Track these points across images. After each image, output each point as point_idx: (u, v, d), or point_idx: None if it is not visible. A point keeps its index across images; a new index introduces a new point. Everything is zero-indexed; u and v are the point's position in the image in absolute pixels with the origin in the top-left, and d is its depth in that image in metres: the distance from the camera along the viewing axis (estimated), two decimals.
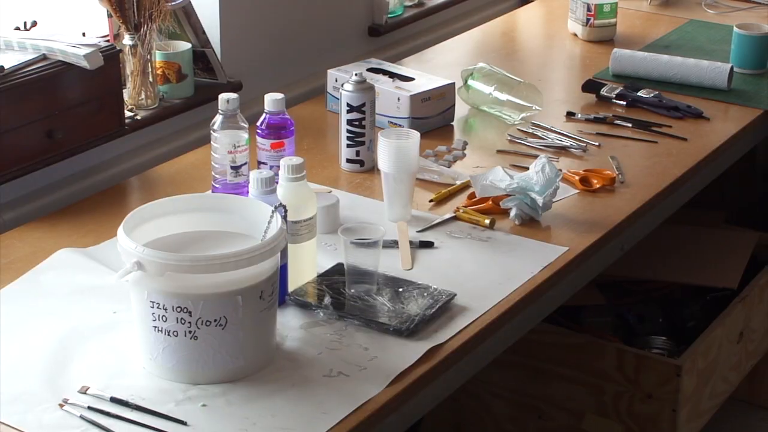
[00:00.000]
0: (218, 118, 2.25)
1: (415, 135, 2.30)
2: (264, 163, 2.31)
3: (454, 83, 2.79)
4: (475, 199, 2.37)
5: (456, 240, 2.23)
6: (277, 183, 2.01)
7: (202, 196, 2.03)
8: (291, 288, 2.02)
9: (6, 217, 2.34)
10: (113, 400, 1.74)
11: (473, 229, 2.28)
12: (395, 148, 2.27)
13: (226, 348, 1.78)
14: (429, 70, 2.94)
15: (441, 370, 1.90)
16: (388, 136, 2.29)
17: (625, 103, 2.87)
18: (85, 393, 1.75)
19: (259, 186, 1.94)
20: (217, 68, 2.73)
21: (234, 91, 2.35)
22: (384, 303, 2.00)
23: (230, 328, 1.77)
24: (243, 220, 1.90)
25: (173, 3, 2.61)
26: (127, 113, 2.54)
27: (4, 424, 1.72)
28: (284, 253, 1.98)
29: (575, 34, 3.36)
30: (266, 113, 2.31)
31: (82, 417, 1.72)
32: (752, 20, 3.30)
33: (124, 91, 2.54)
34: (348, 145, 2.51)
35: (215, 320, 1.76)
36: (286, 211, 1.88)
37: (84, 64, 2.32)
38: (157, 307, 1.76)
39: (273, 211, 1.85)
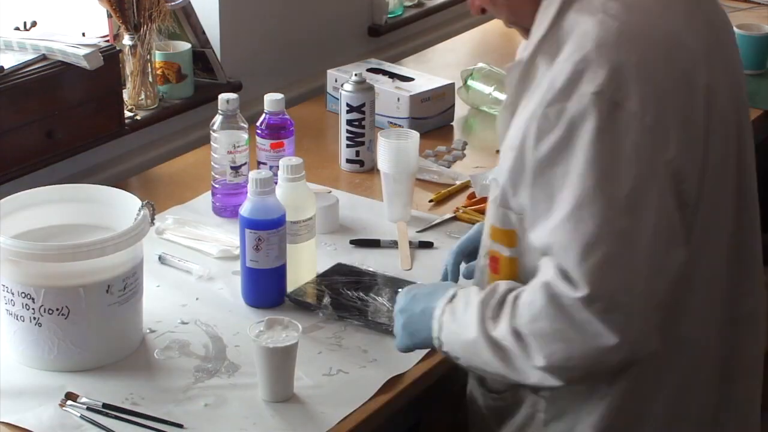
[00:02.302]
0: (218, 118, 2.26)
1: (415, 135, 2.30)
2: (264, 163, 2.31)
3: (453, 83, 2.79)
4: (475, 199, 2.37)
5: (456, 240, 2.23)
6: (276, 183, 2.01)
7: (92, 188, 2.04)
8: (290, 288, 2.02)
9: None
10: (105, 406, 1.74)
11: None
12: (395, 149, 2.27)
13: (70, 338, 1.81)
14: (429, 70, 2.94)
15: (440, 370, 1.90)
16: (387, 136, 2.29)
17: None
18: (75, 401, 1.76)
19: (257, 186, 1.94)
20: (217, 68, 2.73)
21: (234, 91, 2.35)
22: (383, 303, 2.00)
23: (73, 319, 1.80)
24: (124, 216, 1.90)
25: (173, 3, 2.61)
26: (127, 113, 2.54)
27: (4, 423, 1.72)
28: (283, 253, 1.98)
29: None
30: (266, 113, 2.31)
31: (82, 417, 1.72)
32: (752, 20, 3.30)
33: (124, 91, 2.54)
34: (348, 146, 2.51)
35: (57, 309, 1.79)
36: (154, 208, 1.88)
37: (84, 64, 2.32)
38: (7, 291, 1.81)
39: (140, 208, 1.85)
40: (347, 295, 2.02)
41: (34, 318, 1.80)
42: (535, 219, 1.56)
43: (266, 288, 2.00)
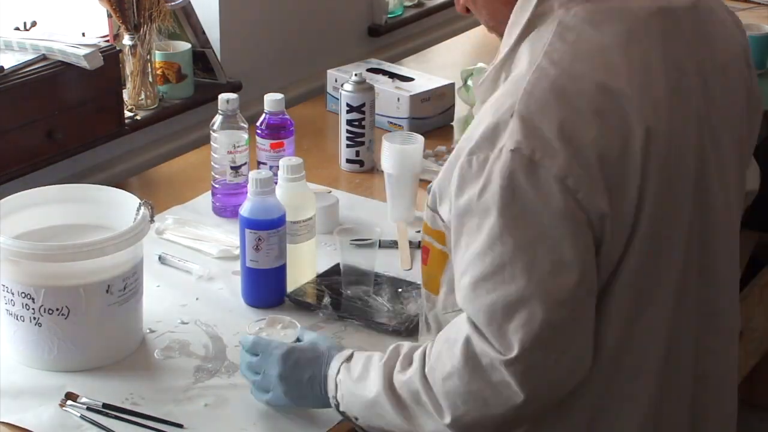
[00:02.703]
0: (218, 118, 2.26)
1: (420, 139, 2.31)
2: (264, 164, 2.31)
3: (453, 83, 2.79)
4: None
5: None
6: (276, 183, 2.01)
7: (92, 188, 2.04)
8: (290, 288, 2.02)
9: None
10: (105, 406, 1.74)
11: None
12: (400, 152, 2.27)
13: (71, 338, 1.81)
14: (429, 70, 2.94)
15: None
16: (392, 140, 2.29)
17: None
18: (75, 401, 1.76)
19: (257, 186, 1.94)
20: (217, 68, 2.73)
21: (234, 91, 2.35)
22: (383, 303, 2.00)
23: (73, 319, 1.80)
24: (124, 216, 1.90)
25: (173, 3, 2.61)
26: (127, 113, 2.54)
27: (4, 423, 1.72)
28: (283, 253, 1.98)
29: None
30: (266, 113, 2.31)
31: (82, 417, 1.72)
32: (752, 20, 3.30)
33: (124, 91, 2.54)
34: (348, 146, 2.51)
35: (57, 309, 1.79)
36: (152, 207, 1.88)
37: (84, 64, 2.32)
38: (7, 291, 1.81)
39: (138, 207, 1.85)
40: (347, 295, 2.02)
41: (34, 318, 1.80)
42: (455, 263, 1.53)
43: (266, 288, 2.00)
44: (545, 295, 1.45)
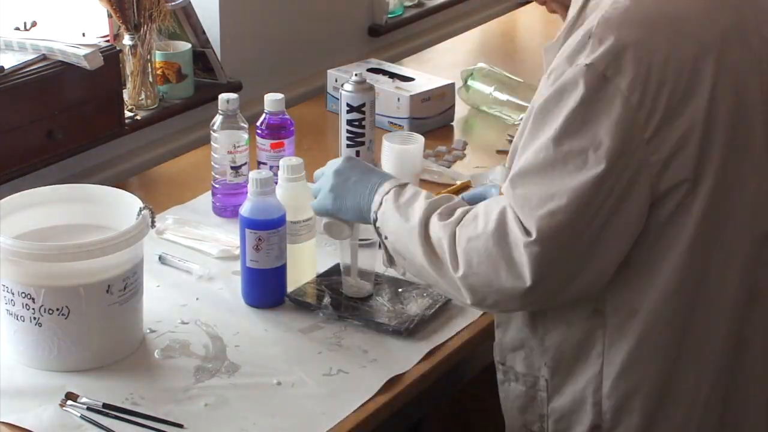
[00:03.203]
0: (218, 118, 2.26)
1: (420, 139, 2.31)
2: (264, 163, 2.31)
3: (454, 83, 2.79)
4: None
5: None
6: (276, 183, 2.01)
7: (92, 188, 2.04)
8: (290, 288, 2.02)
9: None
10: (105, 406, 1.74)
11: None
12: (400, 152, 2.27)
13: (71, 337, 1.81)
14: (429, 70, 2.94)
15: (440, 371, 1.90)
16: (392, 140, 2.29)
17: None
18: (75, 401, 1.76)
19: (257, 186, 1.94)
20: (217, 68, 2.73)
21: (234, 91, 2.35)
22: (383, 303, 2.00)
23: (73, 319, 1.80)
24: (124, 216, 1.90)
25: (173, 3, 2.61)
26: (127, 113, 2.54)
27: (4, 423, 1.72)
28: (283, 253, 1.98)
29: None
30: (266, 113, 2.31)
31: (82, 417, 1.72)
32: None
33: (124, 91, 2.54)
34: (348, 146, 2.51)
35: (57, 309, 1.79)
36: (153, 213, 1.88)
37: (84, 64, 2.32)
38: (7, 291, 1.81)
39: (138, 213, 1.85)
40: (347, 295, 2.02)
41: (35, 318, 1.80)
42: (519, 154, 1.65)
43: (266, 288, 2.00)
44: (578, 200, 1.56)
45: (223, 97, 2.25)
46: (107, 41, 2.51)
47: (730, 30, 1.63)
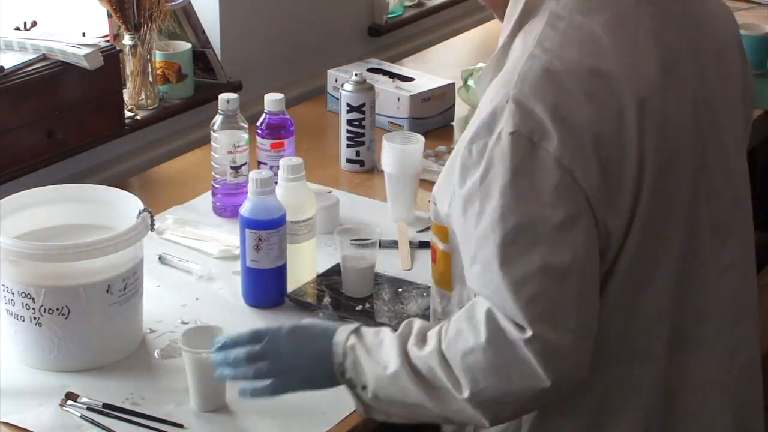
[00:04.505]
0: (218, 118, 2.26)
1: (420, 139, 2.31)
2: (264, 163, 2.31)
3: (453, 83, 2.79)
4: None
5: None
6: (276, 183, 2.01)
7: (92, 188, 2.04)
8: (290, 288, 2.02)
9: None
10: (105, 406, 1.74)
11: None
12: (400, 152, 2.27)
13: (71, 338, 1.81)
14: (429, 70, 2.94)
15: None
16: (392, 140, 2.29)
17: None
18: (75, 401, 1.76)
19: (257, 186, 1.94)
20: (217, 68, 2.73)
21: (234, 91, 2.35)
22: (383, 303, 2.00)
23: (73, 319, 1.80)
24: (124, 216, 1.90)
25: (173, 3, 2.61)
26: (127, 113, 2.54)
27: (4, 423, 1.72)
28: (283, 253, 1.98)
29: None
30: (266, 113, 2.31)
31: (82, 417, 1.72)
32: (752, 20, 3.30)
33: (124, 91, 2.54)
34: (348, 145, 2.51)
35: (58, 309, 1.79)
36: (152, 215, 1.87)
37: (84, 64, 2.32)
38: (7, 291, 1.81)
39: (139, 214, 1.85)
40: (347, 295, 2.02)
41: (35, 318, 1.80)
42: (463, 252, 1.56)
43: (267, 288, 2.00)
44: (546, 272, 1.48)
45: (223, 97, 2.25)
46: (107, 41, 2.51)
47: (657, 78, 1.54)
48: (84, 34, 2.52)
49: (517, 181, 1.48)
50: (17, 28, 2.47)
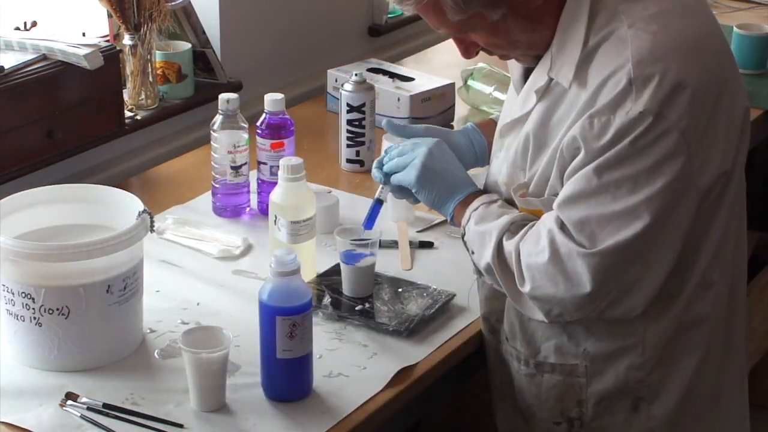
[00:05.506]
0: (218, 118, 2.26)
1: None
2: (264, 163, 2.31)
3: (454, 83, 2.79)
4: None
5: (456, 240, 2.23)
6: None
7: (92, 188, 2.04)
8: None
9: None
10: (105, 406, 1.74)
11: None
12: None
13: (71, 338, 1.81)
14: (429, 70, 2.94)
15: (441, 371, 1.90)
16: (392, 140, 2.29)
17: None
18: (75, 401, 1.76)
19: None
20: (217, 68, 2.74)
21: (234, 91, 2.35)
22: (383, 303, 2.00)
23: (73, 319, 1.80)
24: (124, 216, 1.90)
25: (173, 3, 2.61)
26: (127, 113, 2.54)
27: (4, 423, 1.72)
28: (311, 336, 1.88)
29: None
30: (266, 113, 2.31)
31: (82, 417, 1.73)
32: (752, 20, 3.30)
33: (124, 91, 2.54)
34: (348, 145, 2.51)
35: (58, 309, 1.79)
36: (151, 216, 1.87)
37: (84, 64, 2.32)
38: (7, 291, 1.81)
39: (138, 215, 1.85)
40: (347, 295, 2.02)
41: (35, 318, 1.80)
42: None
43: (299, 377, 1.78)
44: (643, 215, 1.65)
45: (223, 97, 2.25)
46: (107, 41, 2.51)
47: (722, 54, 1.77)
48: (84, 34, 2.52)
49: (635, 147, 1.65)
50: (17, 28, 2.47)
